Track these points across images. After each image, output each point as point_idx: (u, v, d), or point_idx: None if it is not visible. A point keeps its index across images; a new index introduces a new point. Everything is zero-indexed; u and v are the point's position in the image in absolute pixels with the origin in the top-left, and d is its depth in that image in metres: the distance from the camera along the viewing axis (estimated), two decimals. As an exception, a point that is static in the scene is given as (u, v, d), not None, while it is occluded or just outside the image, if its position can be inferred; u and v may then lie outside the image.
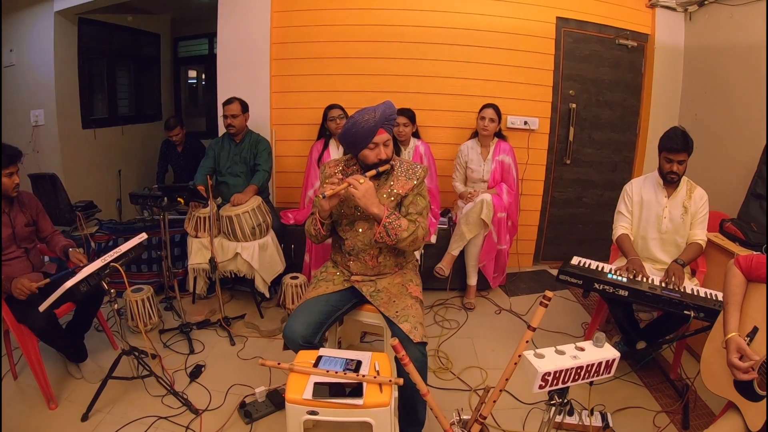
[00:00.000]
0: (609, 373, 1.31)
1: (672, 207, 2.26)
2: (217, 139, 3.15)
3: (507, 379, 1.37)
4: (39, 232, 2.20)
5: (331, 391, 1.40)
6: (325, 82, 3.35)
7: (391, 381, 1.43)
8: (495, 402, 1.42)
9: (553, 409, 1.32)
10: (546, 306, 1.36)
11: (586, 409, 1.89)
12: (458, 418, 1.73)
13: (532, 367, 1.24)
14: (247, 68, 3.33)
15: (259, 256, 2.71)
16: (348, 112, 2.97)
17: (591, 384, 1.35)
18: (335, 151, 3.03)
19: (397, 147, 2.98)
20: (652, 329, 2.20)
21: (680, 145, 2.11)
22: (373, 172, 1.76)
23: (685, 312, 1.87)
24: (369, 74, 3.33)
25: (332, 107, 3.01)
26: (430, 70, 3.33)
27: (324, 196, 1.71)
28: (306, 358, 1.55)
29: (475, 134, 3.13)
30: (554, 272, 2.98)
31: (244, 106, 3.02)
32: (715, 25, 3.16)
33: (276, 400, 2.00)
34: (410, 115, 3.02)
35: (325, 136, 3.09)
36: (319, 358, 1.53)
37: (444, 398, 2.09)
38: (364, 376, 1.44)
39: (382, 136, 1.74)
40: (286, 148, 3.48)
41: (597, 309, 2.49)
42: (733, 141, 2.98)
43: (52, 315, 1.97)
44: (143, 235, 2.11)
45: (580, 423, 1.86)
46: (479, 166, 3.07)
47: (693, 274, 2.35)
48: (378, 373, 1.47)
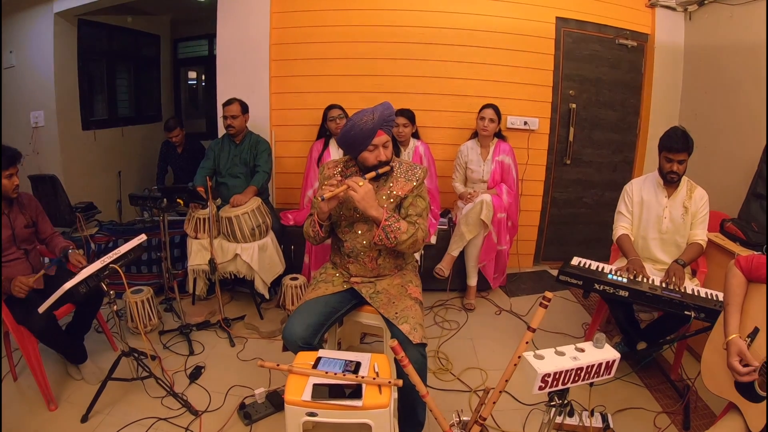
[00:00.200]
0: (609, 374, 1.31)
1: (672, 207, 2.25)
2: (217, 140, 3.15)
3: (507, 380, 1.37)
4: (39, 233, 2.20)
5: (330, 392, 1.40)
6: (325, 83, 3.34)
7: (390, 382, 1.43)
8: (495, 403, 1.41)
9: (553, 410, 1.32)
10: (546, 307, 1.35)
11: (587, 410, 1.88)
12: (458, 420, 1.73)
13: (531, 369, 1.23)
14: (247, 69, 3.33)
15: (258, 257, 2.71)
16: (348, 113, 2.97)
17: (591, 385, 1.34)
18: (335, 151, 3.02)
19: (396, 148, 2.98)
20: (653, 330, 2.20)
21: (680, 145, 2.11)
22: (373, 174, 1.75)
23: (686, 312, 1.86)
24: (369, 75, 3.33)
25: (332, 107, 3.00)
26: (430, 71, 3.33)
27: (323, 199, 1.70)
28: (305, 359, 1.55)
29: (474, 135, 3.13)
30: (554, 273, 2.97)
31: (244, 107, 3.01)
32: (715, 25, 3.15)
33: (276, 402, 2.00)
34: (410, 116, 3.02)
35: (325, 136, 3.09)
36: (318, 360, 1.53)
37: (444, 399, 2.09)
38: (363, 378, 1.43)
39: (381, 138, 1.73)
40: (286, 149, 3.48)
41: (597, 309, 2.49)
42: (734, 140, 2.98)
43: (52, 316, 1.97)
44: (142, 237, 2.10)
45: (581, 424, 1.86)
46: (479, 167, 3.07)
47: (693, 274, 2.34)
48: (377, 374, 1.47)
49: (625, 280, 2.01)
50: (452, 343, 2.61)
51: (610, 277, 2.05)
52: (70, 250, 2.14)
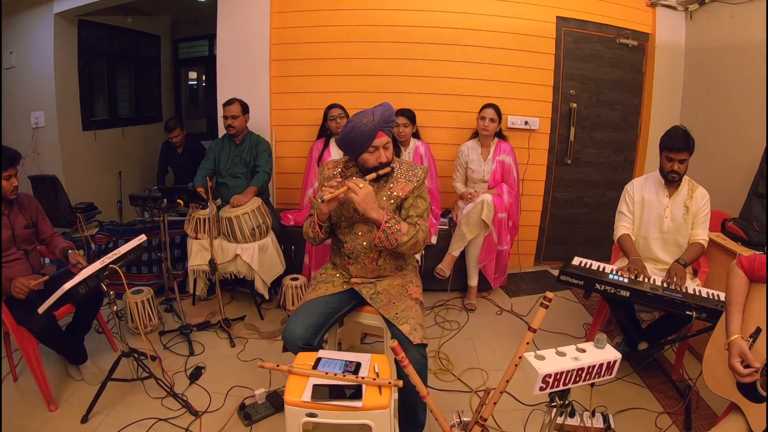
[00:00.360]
0: (610, 375, 1.30)
1: (673, 207, 2.24)
2: (217, 141, 3.14)
3: (507, 381, 1.37)
4: (39, 233, 2.20)
5: (330, 393, 1.40)
6: (325, 83, 3.34)
7: (390, 383, 1.42)
8: (496, 404, 1.41)
9: (554, 410, 1.31)
10: (546, 307, 1.35)
11: (588, 411, 1.87)
12: (459, 420, 1.72)
13: (532, 369, 1.23)
14: (247, 69, 3.33)
15: (258, 258, 2.71)
16: (348, 112, 2.97)
17: (592, 385, 1.33)
18: (336, 151, 3.02)
19: (397, 148, 2.98)
20: (654, 330, 2.19)
21: (681, 144, 2.10)
22: (374, 175, 1.74)
23: (687, 312, 1.86)
24: (369, 75, 3.33)
25: (332, 107, 3.00)
26: (430, 71, 3.32)
27: (322, 200, 1.69)
28: (305, 359, 1.54)
29: (475, 134, 3.12)
30: (555, 273, 2.97)
31: (244, 107, 3.01)
32: (716, 24, 3.14)
33: (276, 402, 1.99)
34: (410, 116, 3.02)
35: (326, 135, 3.09)
36: (319, 360, 1.52)
37: (444, 400, 2.09)
38: (363, 378, 1.43)
39: (381, 139, 1.72)
40: (286, 149, 3.48)
41: (598, 310, 2.48)
42: (735, 140, 2.97)
43: (52, 317, 1.97)
44: (142, 237, 2.10)
45: (582, 424, 1.85)
46: (480, 167, 3.06)
47: (695, 274, 2.34)
48: (377, 375, 1.47)
49: (627, 280, 2.00)
50: (453, 343, 2.61)
51: (611, 277, 2.04)
52: (70, 251, 2.14)
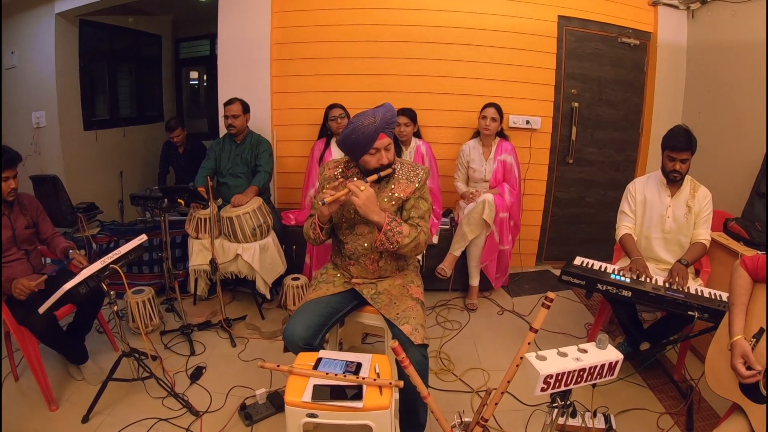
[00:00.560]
0: (612, 375, 1.29)
1: (675, 206, 2.24)
2: (218, 140, 3.14)
3: (509, 381, 1.36)
4: (39, 233, 2.20)
5: (331, 393, 1.39)
6: (326, 83, 3.34)
7: (391, 384, 1.42)
8: (497, 404, 1.40)
9: (556, 411, 1.31)
10: (548, 307, 1.34)
11: (589, 411, 1.87)
12: (459, 421, 1.71)
13: (534, 370, 1.22)
14: (248, 69, 3.32)
15: (260, 258, 2.70)
16: (349, 112, 2.96)
17: (594, 385, 1.33)
18: (337, 151, 3.01)
19: (398, 147, 2.97)
20: (656, 330, 2.18)
21: (683, 144, 2.09)
22: (375, 177, 1.73)
23: (689, 313, 1.85)
24: (370, 74, 3.32)
25: (333, 107, 2.99)
26: (432, 70, 3.31)
27: (323, 203, 1.68)
28: (306, 360, 1.54)
29: (476, 134, 3.12)
30: (557, 272, 2.95)
31: (245, 107, 3.01)
32: (717, 23, 3.13)
33: (277, 402, 1.99)
34: (411, 115, 3.01)
35: (327, 135, 3.08)
36: (319, 360, 1.52)
37: (445, 400, 2.08)
38: (364, 379, 1.42)
39: (383, 141, 1.71)
40: (287, 149, 3.47)
41: (600, 310, 2.47)
42: (737, 139, 2.95)
43: (53, 317, 1.97)
44: (143, 237, 2.10)
45: (583, 425, 1.84)
46: (481, 166, 3.05)
47: (697, 274, 2.33)
48: (378, 375, 1.46)
49: (628, 280, 2.00)
50: (454, 343, 2.60)
51: (613, 277, 2.03)
52: (71, 251, 2.14)
